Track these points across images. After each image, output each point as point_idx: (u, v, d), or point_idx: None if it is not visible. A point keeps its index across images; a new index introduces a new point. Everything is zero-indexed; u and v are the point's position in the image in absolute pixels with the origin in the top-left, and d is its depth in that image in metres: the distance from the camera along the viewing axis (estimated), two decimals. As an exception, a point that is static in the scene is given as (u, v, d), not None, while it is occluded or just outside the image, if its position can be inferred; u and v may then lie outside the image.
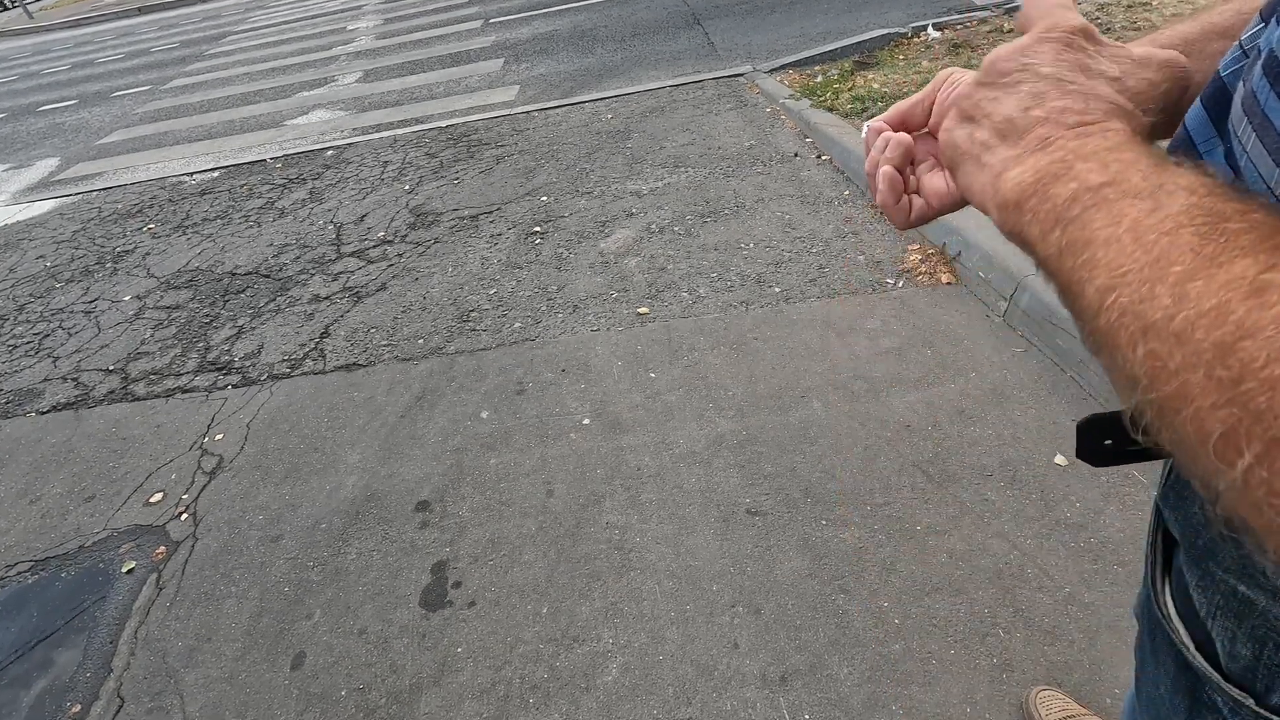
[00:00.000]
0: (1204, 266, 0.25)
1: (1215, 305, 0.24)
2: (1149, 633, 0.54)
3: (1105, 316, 0.28)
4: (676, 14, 6.67)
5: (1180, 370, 0.25)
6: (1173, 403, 0.26)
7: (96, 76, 9.41)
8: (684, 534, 1.80)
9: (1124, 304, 0.28)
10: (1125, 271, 0.28)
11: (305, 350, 2.84)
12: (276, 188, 4.53)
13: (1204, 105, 0.36)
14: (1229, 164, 0.34)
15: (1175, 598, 0.49)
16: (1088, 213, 0.31)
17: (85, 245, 4.24)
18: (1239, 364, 0.23)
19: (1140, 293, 0.27)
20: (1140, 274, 0.27)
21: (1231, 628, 0.42)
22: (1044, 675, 1.39)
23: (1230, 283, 0.25)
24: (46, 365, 3.07)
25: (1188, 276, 0.26)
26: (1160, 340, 0.26)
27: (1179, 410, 0.25)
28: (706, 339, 2.45)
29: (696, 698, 1.46)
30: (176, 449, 2.44)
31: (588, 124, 4.53)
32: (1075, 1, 0.41)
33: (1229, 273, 0.25)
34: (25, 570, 2.07)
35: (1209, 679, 0.44)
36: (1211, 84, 0.36)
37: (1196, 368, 0.24)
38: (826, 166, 3.44)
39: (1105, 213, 0.30)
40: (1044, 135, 0.35)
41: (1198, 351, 0.25)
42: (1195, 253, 0.26)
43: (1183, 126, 0.38)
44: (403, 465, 2.18)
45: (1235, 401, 0.23)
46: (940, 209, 0.51)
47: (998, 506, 1.72)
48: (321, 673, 1.65)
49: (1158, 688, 0.53)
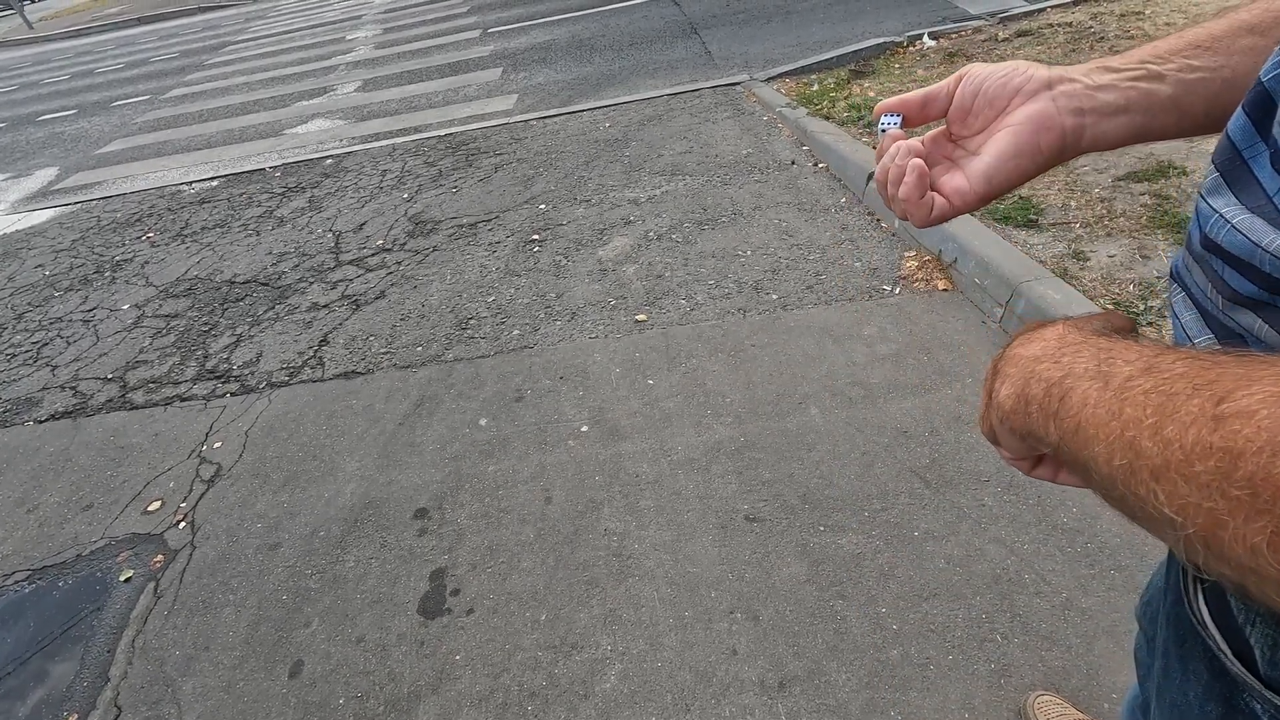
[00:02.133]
0: (1165, 416, 0.29)
1: (1193, 442, 0.28)
2: (1176, 639, 0.53)
3: (1121, 482, 0.32)
4: (674, 23, 6.71)
5: (1202, 501, 0.28)
6: (1211, 529, 0.28)
7: (96, 86, 9.44)
8: (682, 540, 1.80)
9: (1127, 465, 0.31)
10: (1111, 439, 0.32)
11: (304, 358, 2.84)
12: (275, 196, 4.55)
13: (1246, 112, 0.37)
14: (1276, 169, 0.34)
15: (1209, 604, 0.48)
16: (1062, 403, 0.36)
17: (84, 254, 4.25)
18: (1245, 482, 0.26)
19: (1133, 450, 0.31)
20: (1121, 437, 0.31)
21: (1273, 635, 0.41)
22: (1042, 680, 1.40)
23: (1193, 422, 0.28)
24: (45, 374, 3.08)
25: (1157, 427, 0.30)
26: (1170, 482, 0.29)
27: (1220, 535, 0.28)
28: (704, 346, 2.46)
29: (695, 704, 1.46)
30: (175, 457, 2.44)
31: (586, 132, 4.55)
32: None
33: (1187, 413, 0.29)
34: (22, 580, 2.07)
35: (1249, 686, 0.44)
36: (1254, 90, 0.36)
37: (1212, 495, 0.27)
38: (823, 174, 3.46)
39: (1073, 398, 0.35)
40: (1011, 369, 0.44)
41: (1205, 483, 0.27)
42: (1151, 406, 0.30)
43: (1225, 135, 0.38)
44: (401, 473, 2.18)
45: (1265, 512, 0.26)
46: (961, 207, 0.53)
47: (995, 512, 1.72)
48: (320, 681, 1.65)
49: (1185, 694, 0.52)
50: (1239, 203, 0.36)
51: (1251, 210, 0.35)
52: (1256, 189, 0.35)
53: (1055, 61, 3.83)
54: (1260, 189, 0.35)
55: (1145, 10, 4.25)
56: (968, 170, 0.53)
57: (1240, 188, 0.36)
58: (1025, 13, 4.81)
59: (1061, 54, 3.93)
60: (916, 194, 0.52)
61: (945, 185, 0.53)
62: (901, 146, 0.53)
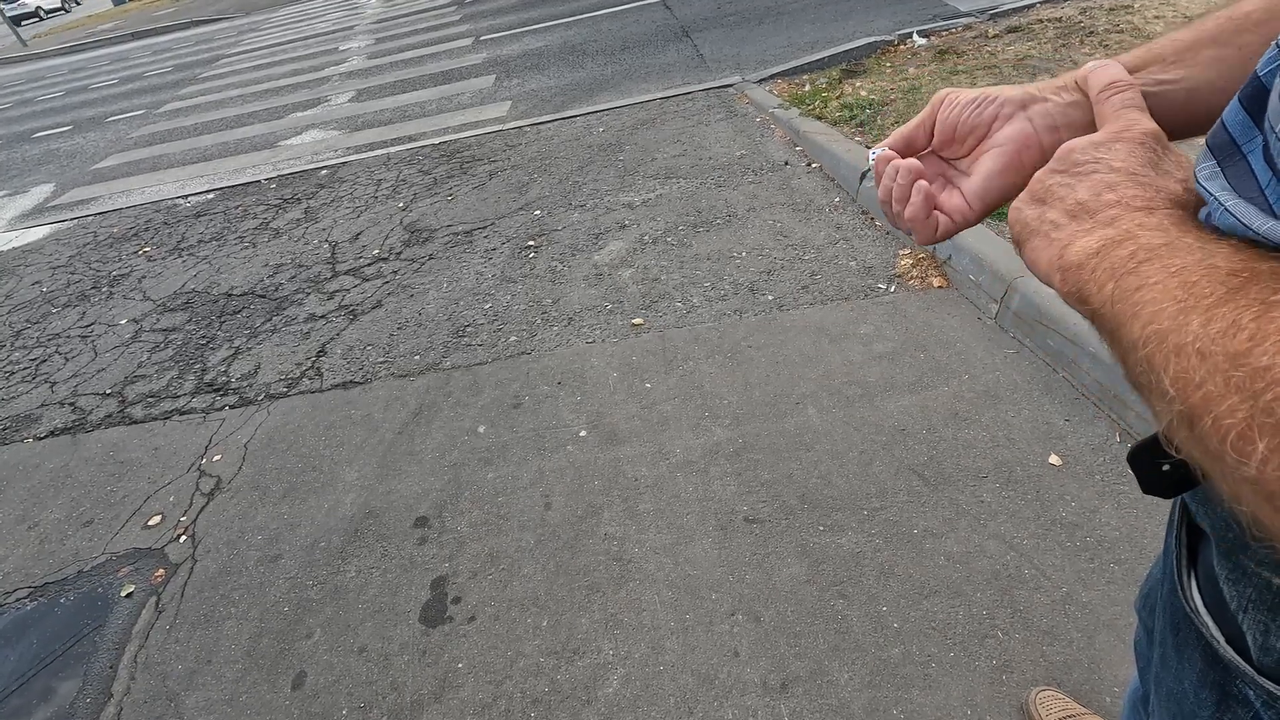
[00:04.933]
0: (1231, 295, 0.29)
1: (1231, 322, 0.28)
2: (1172, 627, 0.54)
3: (1144, 345, 0.32)
4: (665, 27, 6.73)
5: (1203, 381, 0.28)
6: (1197, 410, 0.28)
7: (91, 102, 9.47)
8: (682, 543, 1.80)
9: (1161, 330, 0.31)
10: (1164, 304, 0.32)
11: (302, 369, 2.84)
12: (271, 208, 4.55)
13: (1242, 104, 0.38)
14: (1266, 160, 0.35)
15: (1203, 591, 0.49)
16: (1143, 265, 0.35)
17: (81, 270, 4.26)
18: (1250, 368, 0.26)
19: (1176, 321, 0.31)
20: (1177, 305, 0.31)
21: (1265, 621, 0.42)
22: (1043, 676, 1.40)
23: (1246, 305, 0.28)
24: (44, 390, 3.08)
25: (1217, 304, 0.29)
26: (1187, 358, 0.29)
27: (1203, 417, 0.28)
28: (701, 348, 2.47)
29: (698, 707, 1.46)
30: (174, 471, 2.44)
31: (579, 138, 4.56)
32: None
33: (1246, 297, 0.29)
34: (24, 597, 2.07)
35: (1242, 673, 0.44)
36: (1250, 83, 0.37)
37: (1215, 375, 0.28)
38: (817, 174, 3.47)
39: (1159, 263, 0.34)
40: (1113, 215, 0.40)
41: (1216, 362, 0.28)
42: (1226, 285, 0.30)
43: (1221, 125, 0.39)
44: (401, 482, 2.18)
45: (1248, 400, 0.26)
46: (962, 224, 0.55)
47: (993, 508, 1.72)
48: (322, 692, 1.65)
49: (1181, 683, 0.53)
50: (1233, 190, 0.36)
51: (1245, 200, 0.35)
52: (1251, 181, 0.36)
53: (1046, 57, 3.85)
54: (1254, 180, 0.35)
55: (1134, 4, 4.26)
56: (964, 189, 0.55)
57: (1235, 178, 0.37)
58: (1015, 9, 4.82)
59: (1051, 49, 3.94)
60: (923, 214, 0.55)
61: (946, 204, 0.56)
62: (901, 167, 0.55)
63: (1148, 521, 1.62)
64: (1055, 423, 1.90)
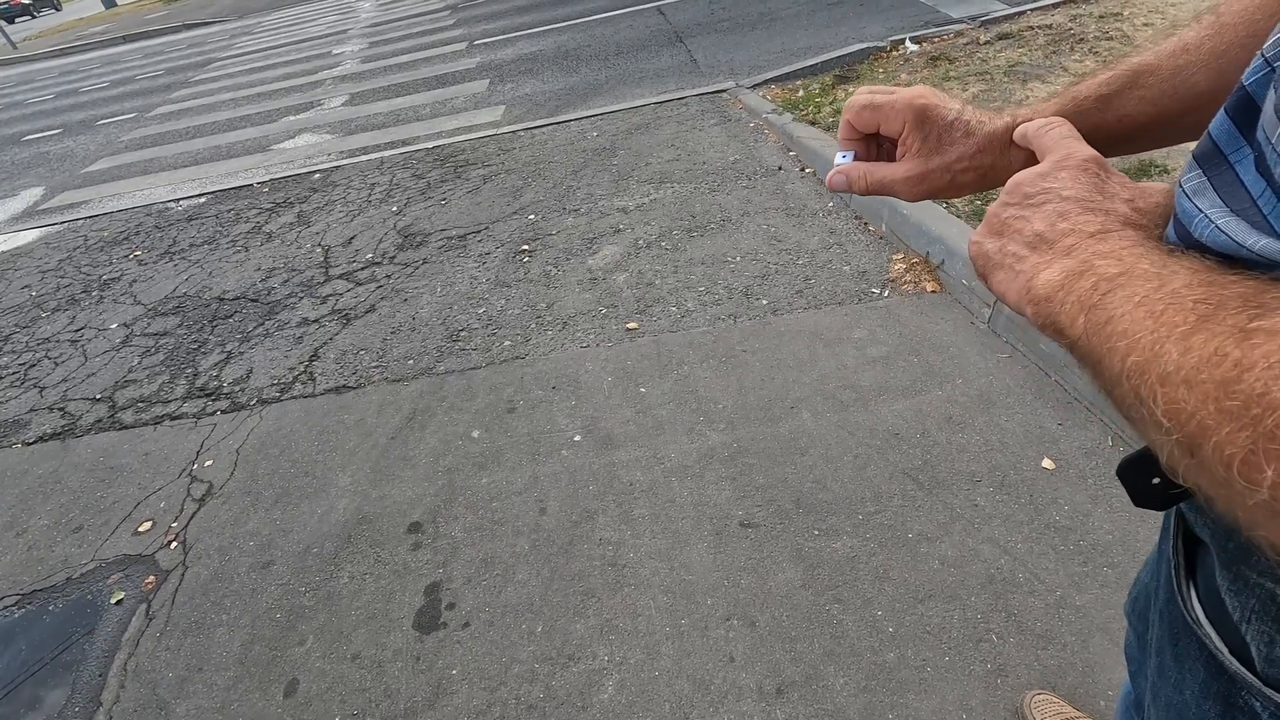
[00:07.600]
0: (1202, 323, 0.30)
1: (1214, 350, 0.28)
2: (1170, 637, 0.53)
3: (1128, 379, 0.32)
4: (659, 32, 6.76)
5: (1196, 410, 0.28)
6: (1196, 438, 0.28)
7: (81, 105, 9.41)
8: (677, 548, 1.80)
9: (1141, 363, 0.31)
10: (1138, 336, 0.32)
11: (294, 374, 2.83)
12: (264, 212, 4.54)
13: (1229, 115, 0.38)
14: (1260, 171, 0.35)
15: (1204, 602, 0.48)
16: (1106, 298, 0.35)
17: (71, 274, 4.22)
18: (1244, 395, 0.26)
19: (1153, 351, 0.31)
20: (1151, 336, 0.31)
21: (1269, 631, 0.41)
22: (1038, 679, 1.40)
23: (1224, 332, 0.28)
24: (33, 395, 3.05)
25: (1190, 332, 0.30)
26: (1173, 386, 0.29)
27: (1202, 444, 0.28)
28: (695, 353, 2.47)
29: (694, 713, 1.46)
30: (165, 476, 2.42)
31: (574, 142, 4.57)
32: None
33: (1222, 325, 0.29)
34: (12, 605, 2.05)
35: (1248, 684, 0.43)
36: (1236, 94, 0.37)
37: (1206, 404, 0.28)
38: (810, 179, 3.48)
39: (1121, 294, 0.35)
40: (1070, 244, 0.41)
41: (1206, 390, 0.28)
42: (1195, 314, 0.30)
43: (1208, 137, 0.39)
44: (394, 487, 2.17)
45: (1248, 427, 0.26)
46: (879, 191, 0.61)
47: (987, 512, 1.73)
48: (315, 700, 1.63)
49: (1181, 693, 0.52)
50: (1223, 204, 0.36)
51: (1235, 212, 0.35)
52: (1241, 191, 0.35)
53: (1037, 63, 3.88)
54: (1245, 191, 0.35)
55: (1124, 12, 4.30)
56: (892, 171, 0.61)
57: (1224, 189, 0.37)
58: (1005, 16, 4.86)
59: (1042, 56, 3.97)
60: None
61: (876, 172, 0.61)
62: None
63: (1140, 525, 1.62)
64: (1048, 427, 1.91)
